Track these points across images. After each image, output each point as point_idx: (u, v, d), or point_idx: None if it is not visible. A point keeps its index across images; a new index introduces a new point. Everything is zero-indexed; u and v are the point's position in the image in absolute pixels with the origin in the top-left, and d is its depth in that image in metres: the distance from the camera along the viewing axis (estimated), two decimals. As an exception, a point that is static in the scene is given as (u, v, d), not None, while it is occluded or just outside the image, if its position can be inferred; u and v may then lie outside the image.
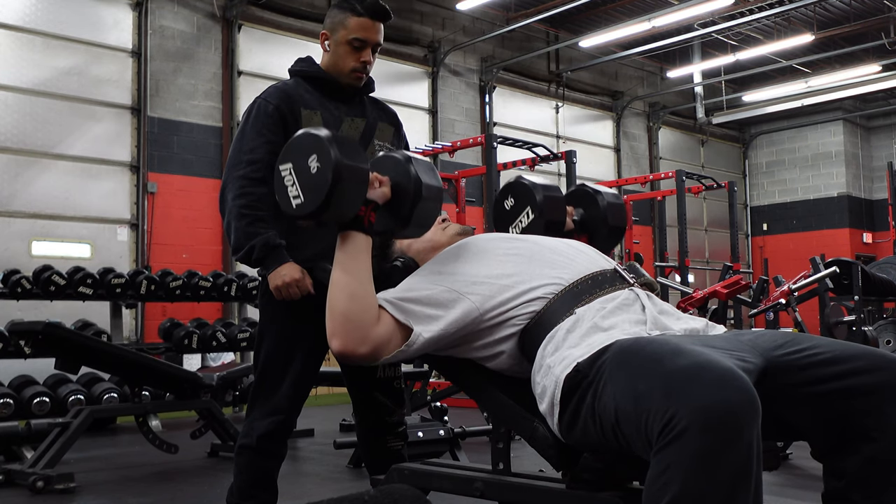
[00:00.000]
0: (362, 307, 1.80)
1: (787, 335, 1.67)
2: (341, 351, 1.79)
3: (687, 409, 1.31)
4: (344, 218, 1.84)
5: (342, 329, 1.78)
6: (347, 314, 1.78)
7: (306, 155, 1.81)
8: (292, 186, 1.83)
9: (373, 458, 2.58)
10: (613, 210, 2.34)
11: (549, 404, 1.65)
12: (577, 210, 2.36)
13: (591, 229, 2.34)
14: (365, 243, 1.87)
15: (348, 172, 1.76)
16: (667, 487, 1.31)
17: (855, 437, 1.56)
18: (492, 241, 2.00)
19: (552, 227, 2.24)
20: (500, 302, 1.81)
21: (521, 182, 2.26)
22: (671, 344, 1.46)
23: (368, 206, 1.85)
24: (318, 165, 1.78)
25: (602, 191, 2.36)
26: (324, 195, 1.75)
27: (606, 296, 1.76)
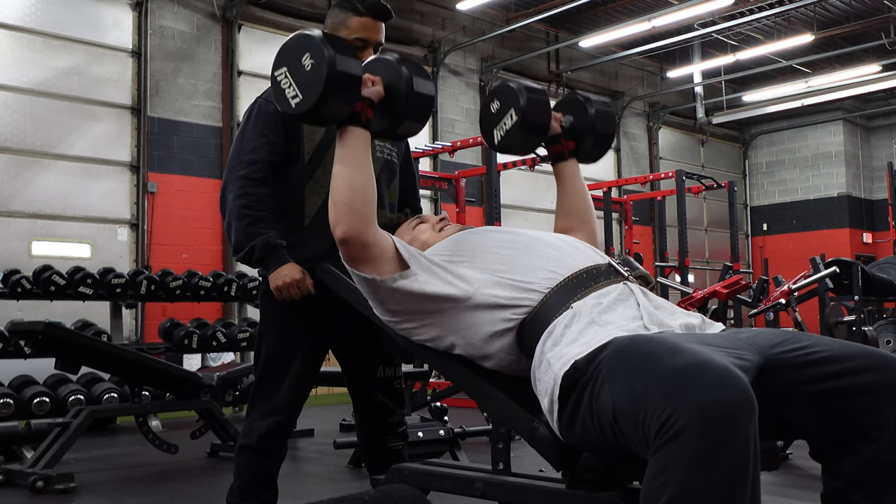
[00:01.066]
0: (364, 198, 1.90)
1: (785, 333, 1.67)
2: (345, 236, 1.87)
3: (684, 409, 1.31)
4: (342, 112, 1.92)
5: (346, 217, 1.87)
6: (350, 204, 1.88)
7: (300, 55, 1.90)
8: (290, 87, 1.92)
9: (373, 458, 2.58)
10: (602, 118, 2.33)
11: (549, 402, 1.65)
12: (567, 117, 2.36)
13: (578, 136, 2.34)
14: (364, 137, 1.95)
15: (342, 66, 1.86)
16: (665, 487, 1.31)
17: (854, 437, 1.56)
18: (487, 233, 2.02)
19: (535, 130, 2.24)
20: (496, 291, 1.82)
21: (507, 84, 2.24)
22: (669, 342, 1.47)
23: (364, 103, 1.94)
24: (312, 62, 1.87)
25: (593, 99, 2.36)
26: (321, 89, 1.84)
27: (601, 290, 1.77)
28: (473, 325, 1.85)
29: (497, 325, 1.82)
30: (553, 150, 2.33)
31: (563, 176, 2.34)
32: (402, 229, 2.25)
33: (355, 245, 1.87)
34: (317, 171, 2.40)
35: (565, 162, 2.32)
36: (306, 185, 2.41)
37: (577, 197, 2.31)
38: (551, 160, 2.36)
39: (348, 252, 1.90)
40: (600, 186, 11.47)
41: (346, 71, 1.87)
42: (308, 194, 2.41)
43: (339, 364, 2.63)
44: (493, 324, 1.83)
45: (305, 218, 2.40)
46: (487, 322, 1.83)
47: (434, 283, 1.86)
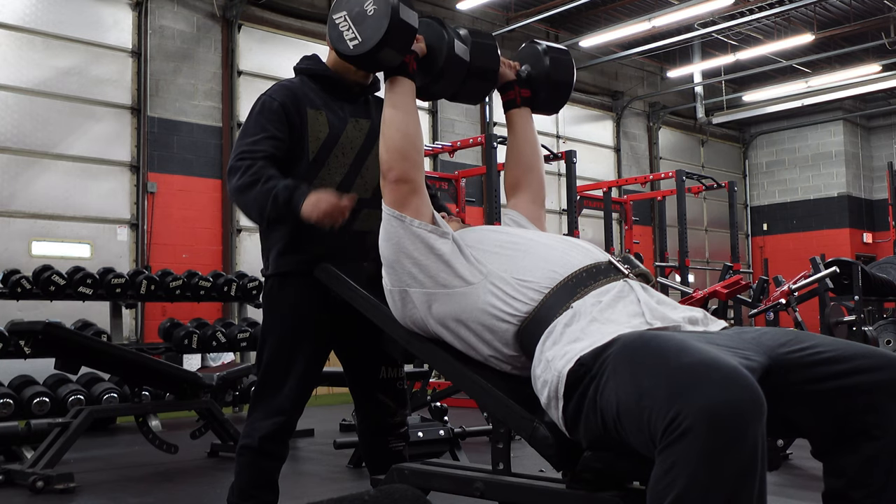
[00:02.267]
0: (414, 146, 2.03)
1: (789, 333, 1.67)
2: (400, 176, 1.98)
3: (692, 408, 1.31)
4: (395, 60, 2.03)
5: (399, 163, 1.99)
6: (402, 150, 2.00)
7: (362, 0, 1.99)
8: (348, 30, 2.02)
9: (374, 458, 2.58)
10: (558, 65, 2.35)
11: (550, 397, 1.65)
12: (524, 66, 2.38)
13: (534, 85, 2.36)
14: (411, 88, 2.09)
15: (405, 14, 1.96)
16: (672, 485, 1.31)
17: (855, 436, 1.56)
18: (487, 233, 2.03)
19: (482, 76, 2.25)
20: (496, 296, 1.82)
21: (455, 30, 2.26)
22: (676, 340, 1.46)
23: (412, 56, 2.06)
24: (375, 7, 1.97)
25: (551, 46, 2.38)
26: (383, 33, 1.94)
27: (601, 288, 1.77)
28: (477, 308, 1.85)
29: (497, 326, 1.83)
30: (506, 97, 2.38)
31: (514, 123, 2.38)
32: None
33: (410, 183, 1.97)
34: (321, 171, 2.39)
35: (518, 109, 2.38)
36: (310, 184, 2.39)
37: (526, 146, 2.37)
38: (504, 107, 2.40)
39: (399, 192, 1.97)
40: (600, 186, 11.47)
41: (407, 20, 1.97)
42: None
43: (341, 365, 2.62)
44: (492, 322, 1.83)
45: None
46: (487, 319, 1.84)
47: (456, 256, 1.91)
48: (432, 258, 1.90)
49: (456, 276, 1.87)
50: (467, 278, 1.86)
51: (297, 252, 2.38)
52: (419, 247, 1.91)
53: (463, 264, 1.89)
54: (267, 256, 2.47)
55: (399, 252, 1.94)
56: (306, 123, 2.38)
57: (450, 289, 1.88)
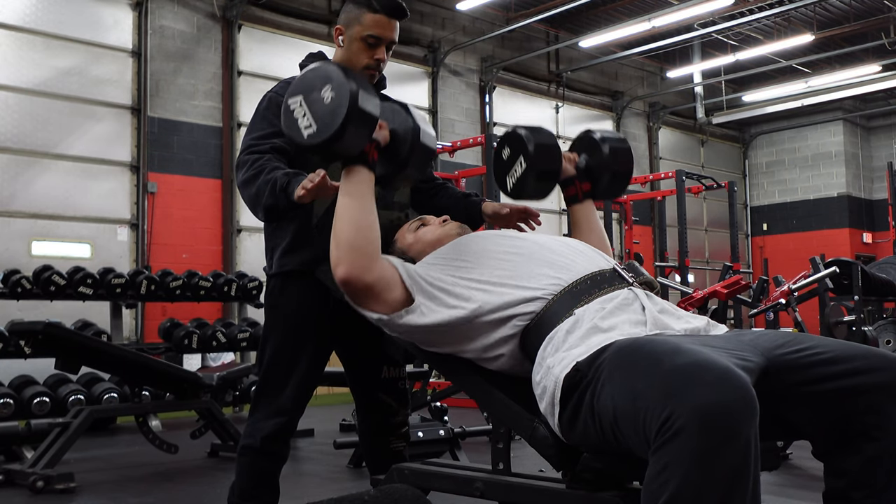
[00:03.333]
0: (367, 238, 1.89)
1: (787, 335, 1.68)
2: (346, 277, 1.86)
3: (685, 408, 1.31)
4: (353, 150, 1.90)
5: (347, 257, 1.86)
6: (353, 243, 1.87)
7: (319, 86, 1.86)
8: (304, 118, 1.88)
9: (374, 458, 2.57)
10: (617, 155, 2.30)
11: (548, 404, 1.66)
12: (581, 157, 2.34)
13: (594, 176, 2.31)
14: (369, 178, 1.96)
15: (363, 103, 1.83)
16: (665, 486, 1.32)
17: (856, 437, 1.56)
18: (490, 238, 2.01)
19: (545, 177, 2.23)
20: (500, 304, 1.82)
21: (516, 132, 2.25)
22: (670, 343, 1.47)
23: (372, 144, 1.93)
24: (332, 95, 1.83)
25: (608, 136, 2.33)
26: (339, 123, 1.81)
27: (605, 296, 1.77)
28: (477, 335, 1.85)
29: (501, 333, 1.83)
30: (567, 193, 2.32)
31: (578, 218, 2.33)
32: (402, 231, 2.25)
33: (358, 286, 1.87)
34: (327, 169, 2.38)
35: (580, 204, 2.32)
36: None
37: (592, 237, 2.29)
38: (566, 202, 2.35)
39: (350, 293, 1.90)
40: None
41: (367, 109, 1.84)
42: None
43: (342, 364, 2.62)
44: (497, 333, 1.84)
45: (314, 216, 2.39)
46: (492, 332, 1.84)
47: (439, 312, 1.85)
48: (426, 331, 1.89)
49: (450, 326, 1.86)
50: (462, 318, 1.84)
51: (300, 252, 2.37)
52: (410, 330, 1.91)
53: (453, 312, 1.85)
54: (270, 256, 2.46)
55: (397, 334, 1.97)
56: None
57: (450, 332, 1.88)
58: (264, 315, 2.51)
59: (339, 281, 1.88)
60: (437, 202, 2.59)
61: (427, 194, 2.62)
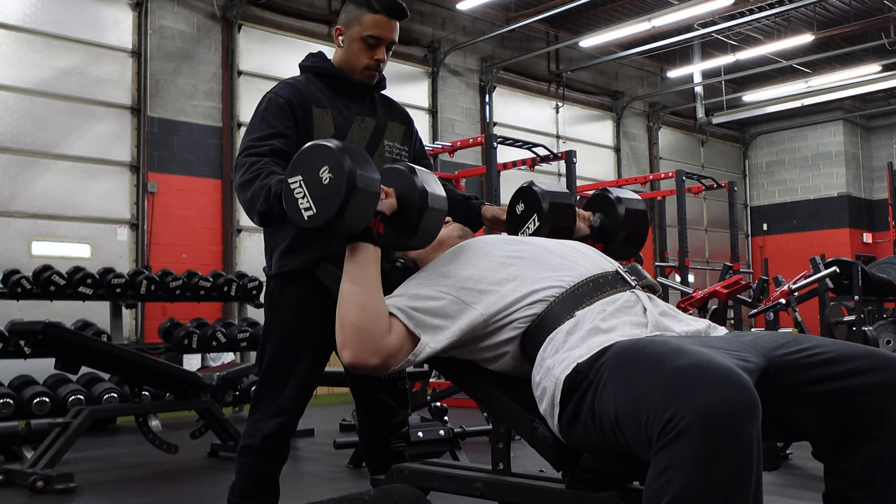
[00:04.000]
0: (373, 318, 1.81)
1: (787, 336, 1.68)
2: (353, 362, 1.80)
3: (687, 409, 1.31)
4: (355, 229, 1.84)
5: (353, 341, 1.80)
6: (359, 325, 1.80)
7: (318, 166, 1.81)
8: (303, 199, 1.83)
9: (374, 458, 2.57)
10: (633, 217, 2.28)
11: (548, 405, 1.66)
12: (597, 215, 2.32)
13: (608, 236, 2.30)
14: (374, 255, 1.89)
15: (362, 182, 1.77)
16: (667, 487, 1.32)
17: (856, 437, 1.56)
18: (493, 243, 2.01)
19: (559, 233, 2.22)
20: (504, 307, 1.82)
21: (531, 189, 2.26)
22: (671, 344, 1.47)
23: (377, 217, 1.86)
24: (330, 176, 1.78)
25: (624, 197, 2.31)
26: (337, 206, 1.76)
27: (607, 298, 1.77)
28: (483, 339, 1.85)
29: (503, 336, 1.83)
30: None
31: None
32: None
33: (365, 369, 1.82)
34: None
35: None
36: None
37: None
38: None
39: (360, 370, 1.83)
40: (600, 186, 11.47)
41: (366, 188, 1.78)
42: None
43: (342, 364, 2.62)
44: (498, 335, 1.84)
45: None
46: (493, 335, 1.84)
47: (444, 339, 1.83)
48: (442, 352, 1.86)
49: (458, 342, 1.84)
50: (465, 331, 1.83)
51: (300, 252, 2.37)
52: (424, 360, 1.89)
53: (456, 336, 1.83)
54: (270, 256, 2.46)
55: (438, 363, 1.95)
56: (312, 122, 2.37)
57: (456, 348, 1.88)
58: (264, 315, 2.51)
59: (346, 364, 1.83)
60: None
61: None
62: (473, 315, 1.82)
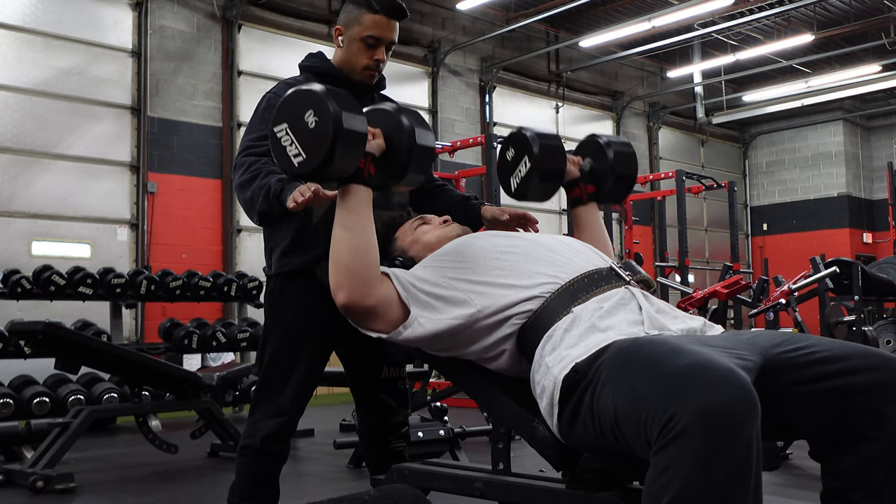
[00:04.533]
0: (366, 262, 1.86)
1: (785, 334, 1.68)
2: (347, 303, 1.85)
3: (687, 409, 1.31)
4: (346, 172, 1.85)
5: (347, 282, 1.84)
6: (352, 268, 1.84)
7: (302, 111, 1.81)
8: (291, 145, 1.84)
9: (374, 458, 2.58)
10: (621, 159, 2.32)
11: (548, 404, 1.66)
12: (586, 160, 2.35)
13: (598, 179, 2.33)
14: (366, 196, 1.92)
15: (348, 123, 1.78)
16: (667, 487, 1.32)
17: (853, 436, 1.56)
18: (487, 238, 2.02)
19: (549, 177, 2.24)
20: (499, 304, 1.82)
21: (521, 133, 2.27)
22: (670, 344, 1.47)
23: (367, 159, 1.87)
24: (315, 120, 1.79)
25: (612, 140, 2.35)
26: (326, 148, 1.76)
27: (602, 294, 1.77)
28: (476, 336, 1.86)
29: (500, 333, 1.83)
30: (572, 195, 2.34)
31: (582, 220, 2.34)
32: (403, 229, 2.25)
33: (357, 311, 1.87)
34: None
35: (584, 206, 2.33)
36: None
37: (594, 239, 2.30)
38: (569, 204, 2.36)
39: (351, 317, 1.89)
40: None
41: (353, 128, 1.79)
42: None
43: (342, 364, 2.62)
44: (495, 333, 1.84)
45: (314, 217, 2.39)
46: (490, 332, 1.85)
47: (436, 321, 1.85)
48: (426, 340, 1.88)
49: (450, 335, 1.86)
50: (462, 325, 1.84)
51: (301, 252, 2.37)
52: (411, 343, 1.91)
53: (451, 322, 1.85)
54: (270, 256, 2.46)
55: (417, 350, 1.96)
56: None
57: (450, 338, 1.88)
58: (264, 315, 2.51)
59: (340, 306, 1.87)
60: (436, 205, 2.59)
61: (427, 196, 2.62)
62: (469, 310, 1.83)
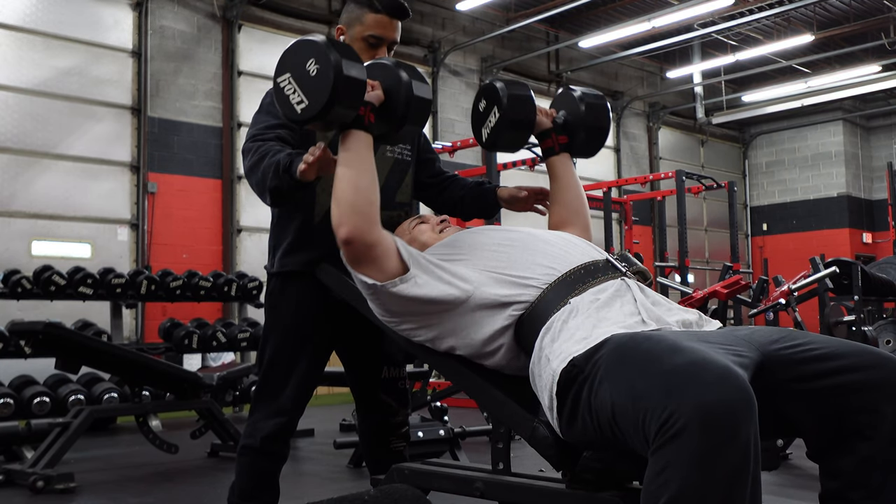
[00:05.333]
0: (368, 199, 1.92)
1: (782, 331, 1.68)
2: (349, 236, 1.88)
3: (685, 408, 1.31)
4: (347, 117, 1.94)
5: (349, 218, 1.88)
6: (354, 204, 1.89)
7: (303, 60, 1.91)
8: (294, 93, 1.93)
9: (374, 458, 2.57)
10: (593, 110, 2.35)
11: (548, 397, 1.66)
12: (561, 112, 2.38)
13: (571, 130, 2.36)
14: (367, 141, 1.98)
15: (349, 70, 1.87)
16: (665, 486, 1.32)
17: (850, 436, 1.56)
18: (486, 232, 2.03)
19: (518, 126, 2.26)
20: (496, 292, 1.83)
21: (491, 83, 2.29)
22: (668, 341, 1.47)
23: (367, 107, 1.96)
24: (317, 67, 1.88)
25: (585, 92, 2.39)
26: (328, 94, 1.85)
27: (599, 286, 1.77)
28: (473, 325, 1.85)
29: (497, 324, 1.83)
30: (544, 145, 2.37)
31: (555, 170, 2.37)
32: (401, 228, 2.26)
33: (358, 246, 1.88)
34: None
35: (557, 156, 2.36)
36: (318, 182, 2.39)
37: (570, 191, 2.35)
38: (543, 155, 2.39)
39: (351, 253, 1.90)
40: (600, 186, 11.47)
41: (353, 76, 1.88)
42: (319, 192, 2.39)
43: (342, 364, 2.62)
44: (493, 323, 1.83)
45: (316, 216, 2.39)
46: (487, 322, 1.84)
47: (433, 286, 1.86)
48: (414, 305, 1.88)
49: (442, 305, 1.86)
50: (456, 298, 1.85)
51: (302, 252, 2.37)
52: (403, 303, 1.90)
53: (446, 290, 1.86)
54: (273, 254, 2.46)
55: (390, 314, 1.95)
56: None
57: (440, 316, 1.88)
58: (264, 315, 2.51)
59: (342, 241, 1.90)
60: (449, 194, 2.60)
61: (437, 189, 2.62)
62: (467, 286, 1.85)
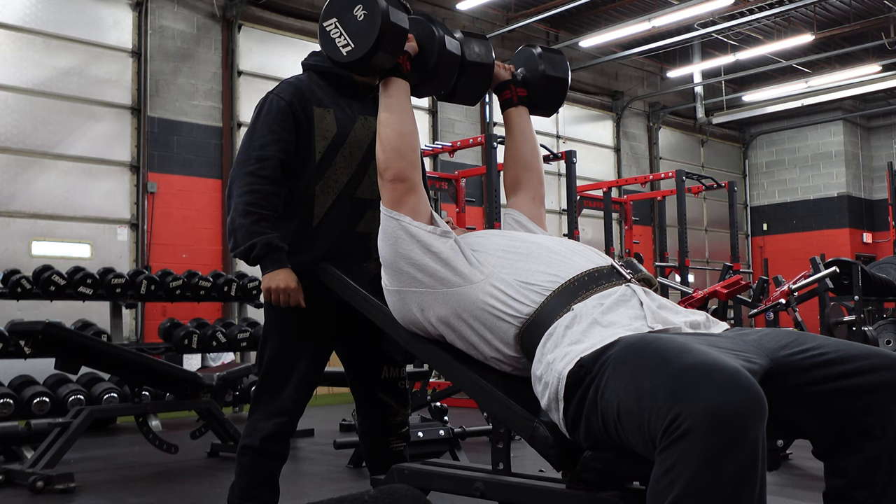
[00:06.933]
0: (411, 144, 2.05)
1: (791, 335, 1.67)
2: (397, 175, 1.99)
3: (693, 409, 1.31)
4: (389, 62, 2.07)
5: (395, 162, 2.01)
6: (399, 149, 2.02)
7: (351, 6, 2.04)
8: (340, 37, 2.06)
9: (374, 458, 2.57)
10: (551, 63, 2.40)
11: (551, 399, 1.65)
12: (520, 69, 2.44)
13: (530, 85, 2.41)
14: (406, 88, 2.11)
15: (394, 17, 2.00)
16: (672, 485, 1.31)
17: (857, 436, 1.56)
18: (491, 238, 2.02)
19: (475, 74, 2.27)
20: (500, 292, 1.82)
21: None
22: (677, 342, 1.46)
23: (405, 56, 2.11)
24: (364, 13, 2.01)
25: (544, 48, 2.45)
26: (374, 38, 1.99)
27: (603, 292, 1.77)
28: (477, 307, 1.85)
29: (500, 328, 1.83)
30: (503, 97, 2.41)
31: (512, 121, 2.41)
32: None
33: (405, 182, 1.98)
34: (328, 171, 2.39)
35: (514, 108, 2.40)
36: (317, 184, 2.39)
37: (525, 144, 2.39)
38: (501, 106, 2.43)
39: (396, 191, 1.98)
40: (600, 186, 11.47)
41: (398, 23, 2.01)
42: (318, 193, 2.39)
43: (342, 364, 2.62)
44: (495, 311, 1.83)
45: (314, 218, 2.39)
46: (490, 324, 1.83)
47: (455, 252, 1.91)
48: (430, 257, 1.90)
49: (455, 273, 1.88)
50: (468, 276, 1.87)
51: (301, 252, 2.37)
52: (417, 246, 1.92)
53: (463, 263, 1.89)
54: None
55: (397, 252, 1.94)
56: (313, 123, 2.38)
57: (450, 287, 1.88)
58: (264, 315, 2.51)
59: (391, 180, 1.99)
60: None
61: None
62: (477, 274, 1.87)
